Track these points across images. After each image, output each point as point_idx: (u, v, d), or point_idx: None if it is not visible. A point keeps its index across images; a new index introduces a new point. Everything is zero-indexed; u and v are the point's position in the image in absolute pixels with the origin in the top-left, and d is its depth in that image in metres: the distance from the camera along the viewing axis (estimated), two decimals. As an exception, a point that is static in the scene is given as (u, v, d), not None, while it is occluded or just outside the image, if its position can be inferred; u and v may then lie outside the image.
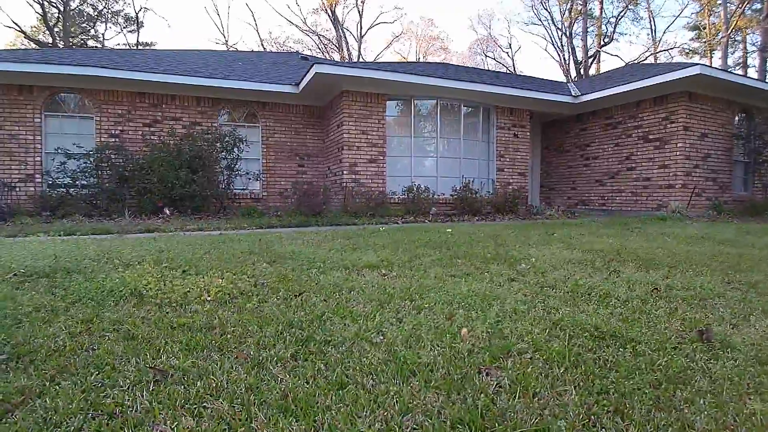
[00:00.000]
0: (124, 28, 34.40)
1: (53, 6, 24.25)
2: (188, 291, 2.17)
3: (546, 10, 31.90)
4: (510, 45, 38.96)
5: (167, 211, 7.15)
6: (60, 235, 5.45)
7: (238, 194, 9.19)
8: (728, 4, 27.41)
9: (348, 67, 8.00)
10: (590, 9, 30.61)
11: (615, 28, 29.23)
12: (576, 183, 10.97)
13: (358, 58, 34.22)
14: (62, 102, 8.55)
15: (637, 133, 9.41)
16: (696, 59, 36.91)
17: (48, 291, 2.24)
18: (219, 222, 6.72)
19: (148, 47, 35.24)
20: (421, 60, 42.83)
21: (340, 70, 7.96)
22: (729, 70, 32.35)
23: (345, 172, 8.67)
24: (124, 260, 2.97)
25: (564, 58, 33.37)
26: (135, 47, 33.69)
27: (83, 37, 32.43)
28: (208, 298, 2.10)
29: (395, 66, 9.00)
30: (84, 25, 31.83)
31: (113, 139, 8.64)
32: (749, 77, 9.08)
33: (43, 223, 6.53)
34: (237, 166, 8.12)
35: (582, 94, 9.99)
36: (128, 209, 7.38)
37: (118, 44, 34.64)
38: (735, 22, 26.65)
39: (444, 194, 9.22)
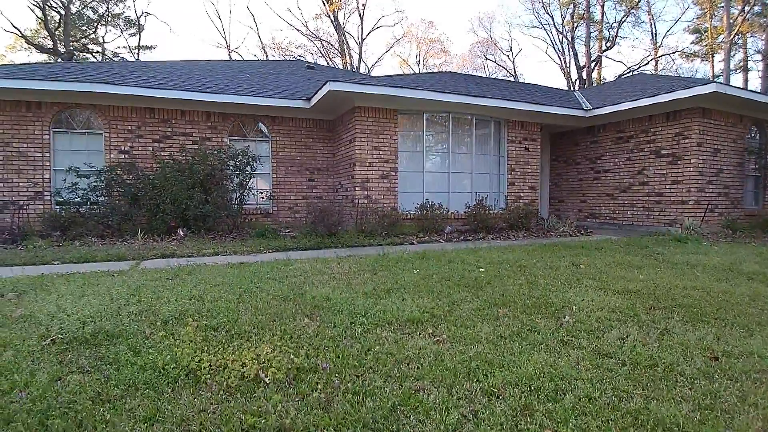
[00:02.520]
0: (124, 30, 34.20)
1: (54, 10, 23.99)
2: (244, 368, 2.10)
3: (548, 14, 31.84)
4: (511, 48, 38.93)
5: (181, 233, 7.06)
6: (75, 262, 5.37)
7: (249, 209, 9.11)
8: (730, 8, 27.42)
9: (361, 84, 7.92)
10: (592, 13, 30.58)
11: (617, 32, 29.18)
12: (586, 196, 10.94)
13: (359, 62, 34.05)
14: (71, 118, 8.43)
15: (650, 147, 9.38)
16: (697, 62, 36.98)
17: (95, 367, 2.17)
18: (234, 244, 6.64)
19: (149, 49, 35.01)
20: (421, 64, 42.71)
21: (354, 87, 7.88)
22: (732, 73, 32.48)
23: (357, 189, 8.60)
24: (163, 317, 2.89)
25: (565, 62, 33.36)
26: (136, 50, 33.49)
27: (84, 41, 32.20)
28: (266, 380, 2.03)
29: (407, 80, 8.92)
30: (84, 28, 31.60)
31: (123, 155, 8.54)
32: (763, 94, 9.04)
33: (55, 246, 6.44)
34: (250, 183, 8.03)
35: (593, 108, 9.95)
36: (140, 229, 7.27)
37: (119, 47, 34.39)
38: (738, 27, 26.68)
39: (457, 211, 9.17)
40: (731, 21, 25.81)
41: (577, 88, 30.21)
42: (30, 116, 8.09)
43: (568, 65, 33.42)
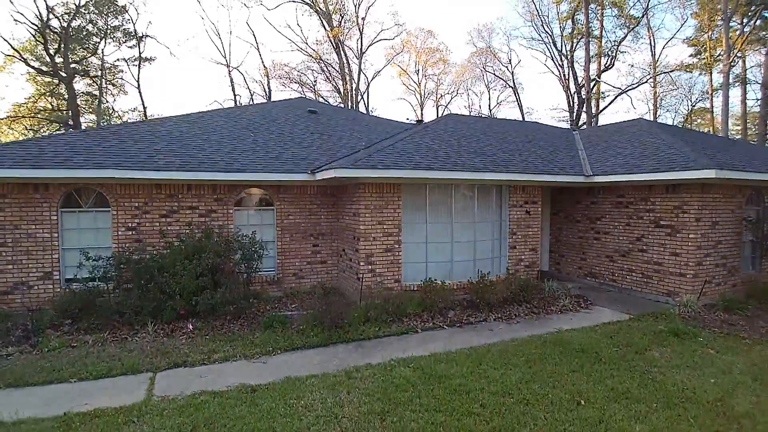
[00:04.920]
0: (123, 43, 34.10)
1: (54, 32, 23.88)
2: None
3: (547, 32, 31.74)
4: (510, 60, 38.83)
5: (190, 326, 7.22)
6: (92, 378, 5.52)
7: (254, 277, 9.24)
8: (730, 21, 27.36)
9: (367, 169, 8.04)
10: (591, 27, 30.51)
11: (616, 53, 29.13)
12: (586, 254, 11.10)
13: (359, 75, 34.02)
14: (78, 197, 8.54)
15: (649, 216, 9.53)
16: (696, 73, 37.04)
17: None
18: (243, 339, 6.80)
19: (148, 61, 34.88)
20: (420, 73, 42.65)
21: (359, 172, 7.99)
22: (731, 86, 32.49)
23: (362, 264, 8.75)
24: None
25: (564, 75, 33.34)
26: (136, 61, 33.37)
27: (82, 52, 32.08)
28: None
29: (415, 160, 9.02)
30: (83, 41, 31.51)
31: (131, 232, 8.68)
32: (764, 172, 9.19)
33: (69, 346, 6.58)
34: (257, 266, 8.17)
35: (593, 175, 10.09)
36: (150, 315, 7.39)
37: (118, 60, 34.25)
38: (738, 47, 26.68)
39: (460, 282, 9.33)
40: (730, 43, 25.79)
41: (576, 116, 30.23)
42: (38, 198, 8.21)
43: (567, 78, 33.43)
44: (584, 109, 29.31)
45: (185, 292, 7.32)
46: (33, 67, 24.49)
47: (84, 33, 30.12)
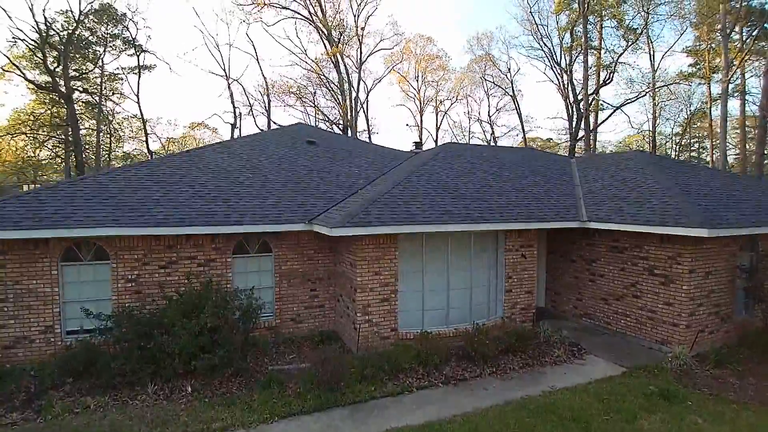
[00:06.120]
0: (123, 51, 34.12)
1: (54, 48, 23.86)
2: None
3: (547, 46, 31.64)
4: (509, 69, 38.76)
5: (189, 389, 7.35)
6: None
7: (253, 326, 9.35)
8: (728, 30, 27.31)
9: (362, 227, 8.14)
10: (590, 39, 30.43)
11: (615, 65, 29.09)
12: (582, 295, 11.21)
13: (359, 84, 34.00)
14: (79, 250, 8.63)
15: (643, 264, 9.63)
16: (695, 82, 36.99)
17: None
18: (242, 407, 6.91)
19: (147, 69, 34.87)
20: (419, 80, 42.60)
21: (354, 230, 8.10)
22: (730, 97, 32.51)
23: (358, 314, 8.86)
24: None
25: (563, 85, 33.28)
26: (136, 70, 33.36)
27: (81, 59, 32.07)
28: None
29: (411, 211, 9.10)
30: (83, 49, 31.52)
31: (130, 284, 8.79)
32: (755, 226, 9.29)
33: (71, 411, 6.71)
34: (255, 322, 8.28)
35: (589, 221, 10.18)
36: (150, 376, 7.51)
37: (118, 68, 34.22)
38: (738, 61, 26.66)
39: (456, 328, 9.45)
40: (729, 58, 25.77)
41: (575, 127, 30.21)
42: (38, 253, 8.30)
43: (566, 88, 33.39)
44: (582, 126, 29.32)
45: (184, 352, 7.43)
46: (32, 83, 24.48)
47: (84, 42, 30.13)
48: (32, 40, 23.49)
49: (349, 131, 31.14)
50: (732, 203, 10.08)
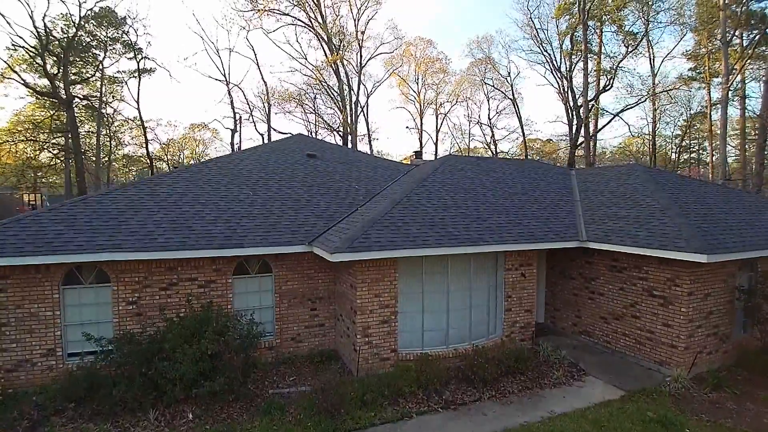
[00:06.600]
0: (123, 54, 34.10)
1: (54, 55, 23.82)
2: None
3: (546, 50, 31.56)
4: (509, 72, 38.69)
5: (190, 416, 7.39)
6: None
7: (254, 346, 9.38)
8: (728, 36, 27.26)
9: (362, 252, 8.16)
10: (590, 44, 30.37)
11: (616, 70, 29.04)
12: (581, 312, 11.24)
13: (359, 87, 33.96)
14: (80, 273, 8.66)
15: (642, 284, 9.66)
16: (695, 86, 36.96)
17: None
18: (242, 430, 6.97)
19: (147, 72, 34.82)
20: (420, 83, 42.54)
21: (354, 256, 8.13)
22: (730, 103, 32.48)
23: (358, 336, 8.90)
24: None
25: (563, 89, 33.24)
26: (135, 73, 33.30)
27: (81, 63, 32.03)
28: None
29: (411, 234, 9.13)
30: (83, 52, 31.49)
31: (131, 306, 8.82)
32: (754, 249, 9.32)
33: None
34: (255, 347, 8.32)
35: (588, 240, 10.21)
36: (151, 403, 7.55)
37: (118, 71, 34.16)
38: (739, 68, 26.63)
39: (455, 349, 9.49)
40: (729, 65, 25.73)
41: (575, 132, 30.18)
42: (40, 278, 8.32)
43: (566, 91, 33.35)
44: (581, 133, 29.31)
45: (185, 378, 7.47)
46: (32, 89, 24.46)
47: (84, 45, 30.08)
48: (32, 46, 23.46)
49: (350, 138, 31.13)
50: (731, 224, 10.10)
